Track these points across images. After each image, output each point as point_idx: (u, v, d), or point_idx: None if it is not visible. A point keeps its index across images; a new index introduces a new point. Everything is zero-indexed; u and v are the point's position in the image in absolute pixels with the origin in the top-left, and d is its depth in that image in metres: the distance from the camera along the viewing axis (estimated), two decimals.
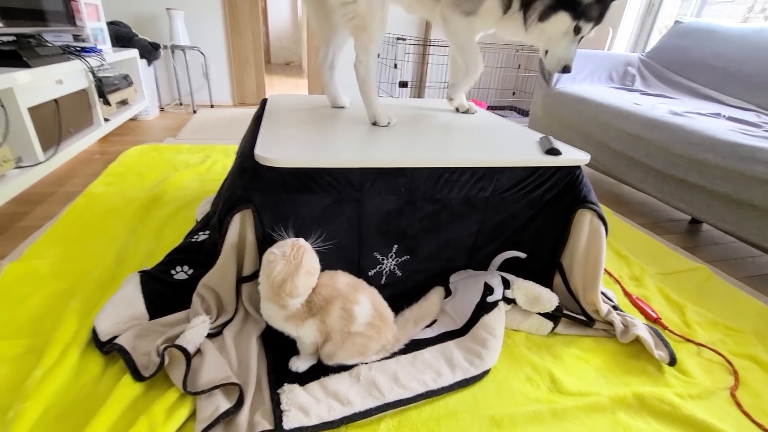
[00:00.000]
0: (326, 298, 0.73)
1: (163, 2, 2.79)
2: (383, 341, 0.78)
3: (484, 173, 0.87)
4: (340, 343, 0.73)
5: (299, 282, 0.68)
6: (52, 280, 0.96)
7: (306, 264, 0.69)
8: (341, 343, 0.73)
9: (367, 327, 0.75)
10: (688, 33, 2.11)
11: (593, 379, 0.81)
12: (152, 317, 0.84)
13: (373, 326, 0.75)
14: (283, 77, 5.04)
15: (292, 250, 0.69)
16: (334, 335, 0.73)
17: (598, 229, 0.90)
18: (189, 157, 1.87)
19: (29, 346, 0.77)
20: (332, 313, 0.73)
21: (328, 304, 0.73)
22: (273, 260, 0.68)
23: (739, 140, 1.23)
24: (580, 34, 0.97)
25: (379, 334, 0.76)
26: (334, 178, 0.79)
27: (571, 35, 0.97)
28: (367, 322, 0.75)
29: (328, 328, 0.73)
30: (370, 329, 0.75)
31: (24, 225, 1.24)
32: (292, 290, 0.68)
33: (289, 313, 0.71)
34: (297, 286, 0.68)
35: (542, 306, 0.89)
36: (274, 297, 0.69)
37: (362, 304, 0.75)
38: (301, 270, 0.68)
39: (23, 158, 1.33)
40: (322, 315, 0.73)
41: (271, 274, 0.68)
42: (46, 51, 1.49)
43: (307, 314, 0.72)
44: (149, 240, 1.15)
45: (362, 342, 0.74)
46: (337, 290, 0.75)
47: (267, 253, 0.70)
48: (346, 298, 0.74)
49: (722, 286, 1.17)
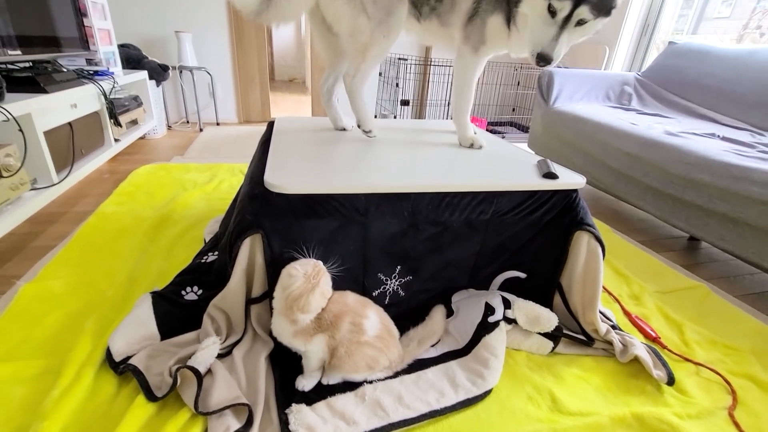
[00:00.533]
0: (336, 314, 0.77)
1: (172, 25, 2.89)
2: (390, 357, 0.80)
3: (484, 197, 0.90)
4: (348, 356, 0.76)
5: (312, 300, 0.73)
6: (67, 300, 1.00)
7: (322, 285, 0.74)
8: (350, 356, 0.76)
9: (377, 339, 0.78)
10: (682, 54, 2.17)
11: (593, 398, 0.83)
12: (164, 337, 0.87)
13: (382, 339, 0.79)
14: (287, 94, 5.14)
15: (313, 270, 0.74)
16: (342, 348, 0.76)
17: (595, 251, 0.93)
18: (196, 176, 1.92)
19: (46, 366, 0.80)
20: (342, 327, 0.76)
21: (338, 319, 0.77)
22: (294, 275, 0.73)
23: (733, 161, 1.27)
24: (557, 16, 0.83)
25: (387, 348, 0.79)
26: (340, 203, 0.82)
27: (546, 16, 0.85)
28: (377, 335, 0.78)
29: (337, 342, 0.76)
30: (380, 342, 0.78)
31: (37, 245, 1.28)
32: (304, 306, 0.72)
33: (298, 328, 0.75)
34: (309, 303, 0.73)
35: (542, 326, 0.91)
36: (286, 311, 0.74)
37: (371, 318, 0.79)
38: (316, 290, 0.73)
39: (38, 180, 1.38)
40: (331, 330, 0.76)
41: (289, 287, 0.73)
42: (61, 76, 1.55)
43: (316, 330, 0.76)
44: (160, 259, 1.19)
45: (372, 354, 0.77)
46: (347, 306, 0.79)
47: (289, 267, 0.75)
48: (355, 312, 0.78)
49: (721, 304, 1.19)
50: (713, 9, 2.76)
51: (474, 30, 1.01)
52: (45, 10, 1.61)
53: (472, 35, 1.02)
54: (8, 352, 0.83)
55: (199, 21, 2.93)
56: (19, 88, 1.36)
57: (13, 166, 1.17)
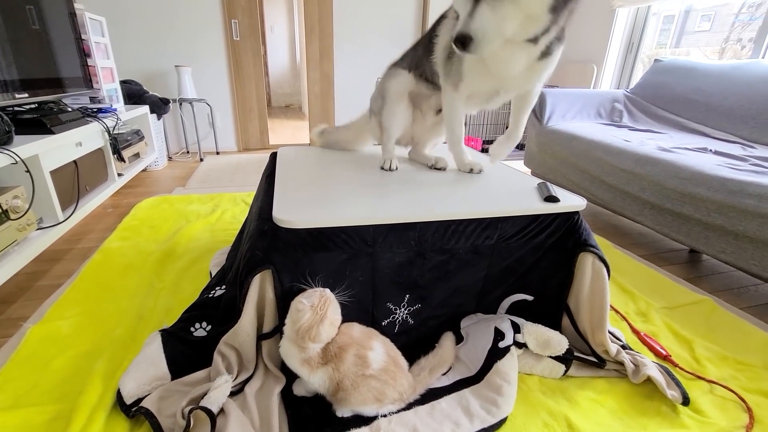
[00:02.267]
0: (341, 346, 0.78)
1: (172, 59, 2.97)
2: (400, 389, 0.80)
3: (489, 222, 0.92)
4: (353, 388, 0.76)
5: (322, 331, 0.75)
6: (75, 341, 0.99)
7: (330, 315, 0.76)
8: (355, 388, 0.76)
9: (382, 372, 0.78)
10: (668, 70, 2.24)
11: (609, 422, 0.82)
12: (174, 376, 0.86)
13: (388, 372, 0.78)
14: (284, 120, 5.23)
15: (319, 301, 0.76)
16: (347, 381, 0.76)
17: (600, 271, 0.94)
18: (199, 207, 1.93)
19: (56, 412, 0.79)
20: (346, 360, 0.77)
21: (342, 351, 0.77)
22: (302, 309, 0.75)
23: (728, 175, 1.30)
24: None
25: (394, 380, 0.79)
26: (349, 236, 0.84)
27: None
28: (382, 368, 0.78)
29: (341, 375, 0.76)
30: (385, 374, 0.78)
31: (43, 284, 1.28)
32: (316, 336, 0.74)
33: (306, 357, 0.76)
34: (320, 334, 0.75)
35: (553, 349, 0.91)
36: (297, 339, 0.76)
37: (376, 350, 0.80)
38: (325, 321, 0.75)
39: (44, 219, 1.39)
40: (335, 362, 0.77)
41: (298, 321, 0.75)
42: (67, 116, 1.58)
43: (321, 361, 0.77)
44: (167, 295, 1.19)
45: (378, 387, 0.77)
46: (352, 338, 0.80)
47: (296, 302, 0.77)
48: (360, 345, 0.79)
49: (728, 317, 1.19)
50: (694, 23, 2.86)
51: (452, 67, 1.02)
52: (50, 54, 1.66)
53: (452, 72, 1.02)
54: (18, 398, 0.82)
55: (198, 55, 3.02)
56: (26, 129, 1.39)
57: (21, 207, 1.19)
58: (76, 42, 1.87)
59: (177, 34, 2.92)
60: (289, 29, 6.09)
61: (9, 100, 1.39)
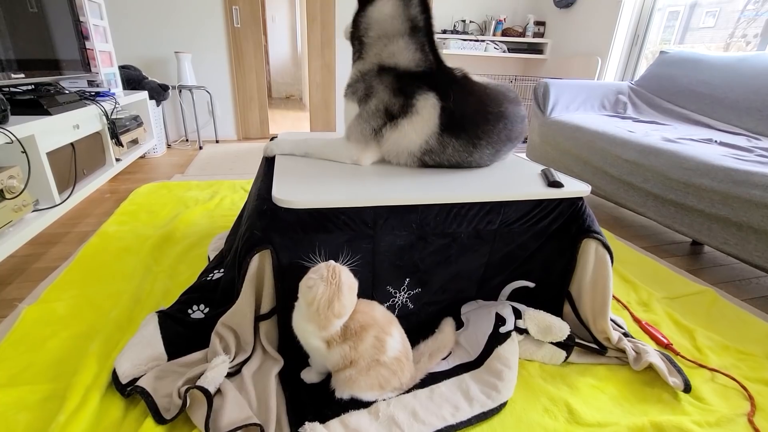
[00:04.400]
0: (362, 325, 0.75)
1: (172, 46, 2.93)
2: (403, 380, 0.79)
3: (491, 207, 0.90)
4: (365, 370, 0.74)
5: (345, 300, 0.71)
6: (71, 322, 0.98)
7: (346, 281, 0.72)
8: (366, 371, 0.74)
9: (394, 361, 0.76)
10: (674, 62, 2.21)
11: (610, 408, 0.81)
12: (170, 357, 0.85)
13: (399, 362, 0.77)
14: (285, 111, 5.19)
15: (329, 272, 0.71)
16: (361, 362, 0.74)
17: (603, 258, 0.93)
18: (198, 193, 1.92)
19: (51, 391, 0.78)
20: (366, 340, 0.74)
21: (363, 330, 0.74)
22: (313, 284, 0.70)
23: (733, 165, 1.28)
24: None
25: (402, 371, 0.78)
26: (349, 217, 0.82)
27: None
28: (395, 356, 0.77)
29: (358, 355, 0.74)
30: (396, 364, 0.77)
31: (40, 266, 1.26)
32: (340, 310, 0.70)
33: (328, 335, 0.73)
34: (344, 305, 0.70)
35: (554, 335, 0.90)
36: (318, 319, 0.70)
37: (395, 337, 0.78)
38: (343, 288, 0.71)
39: (40, 201, 1.37)
40: (354, 341, 0.74)
41: (315, 298, 0.69)
42: (64, 98, 1.56)
43: (341, 340, 0.73)
44: (164, 278, 1.18)
45: (386, 375, 0.75)
46: (375, 319, 0.77)
47: (305, 279, 0.72)
48: (381, 328, 0.76)
49: (730, 308, 1.18)
50: (698, 20, 2.83)
51: None
52: (48, 35, 1.63)
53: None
54: (12, 377, 0.81)
55: (198, 41, 2.98)
56: (22, 110, 1.37)
57: (16, 187, 1.17)
58: (74, 24, 1.84)
59: (177, 20, 2.88)
60: (290, 19, 6.03)
61: (5, 80, 1.36)
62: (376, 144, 1.01)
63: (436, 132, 0.96)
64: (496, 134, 1.00)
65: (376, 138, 0.99)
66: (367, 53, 0.99)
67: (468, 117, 0.97)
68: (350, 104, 1.01)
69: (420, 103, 0.94)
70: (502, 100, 1.01)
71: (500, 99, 1.01)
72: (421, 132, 0.96)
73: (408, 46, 0.95)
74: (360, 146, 1.01)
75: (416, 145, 0.98)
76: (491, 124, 0.99)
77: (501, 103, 1.00)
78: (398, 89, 0.94)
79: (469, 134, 0.98)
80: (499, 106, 1.00)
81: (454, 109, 0.95)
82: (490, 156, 1.04)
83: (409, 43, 0.96)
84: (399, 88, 0.95)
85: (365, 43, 0.99)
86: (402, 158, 1.02)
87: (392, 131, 0.97)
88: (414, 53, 0.96)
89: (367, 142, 1.00)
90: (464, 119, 0.97)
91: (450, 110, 0.95)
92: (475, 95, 0.99)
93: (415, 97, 0.94)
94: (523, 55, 3.50)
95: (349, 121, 1.02)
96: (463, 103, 0.96)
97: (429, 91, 0.95)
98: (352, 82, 1.01)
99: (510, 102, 1.03)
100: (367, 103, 0.97)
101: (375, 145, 1.01)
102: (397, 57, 0.96)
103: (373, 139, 1.00)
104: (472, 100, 0.98)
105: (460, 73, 1.01)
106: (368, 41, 0.98)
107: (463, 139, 0.98)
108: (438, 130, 0.96)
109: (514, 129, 1.03)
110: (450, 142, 0.98)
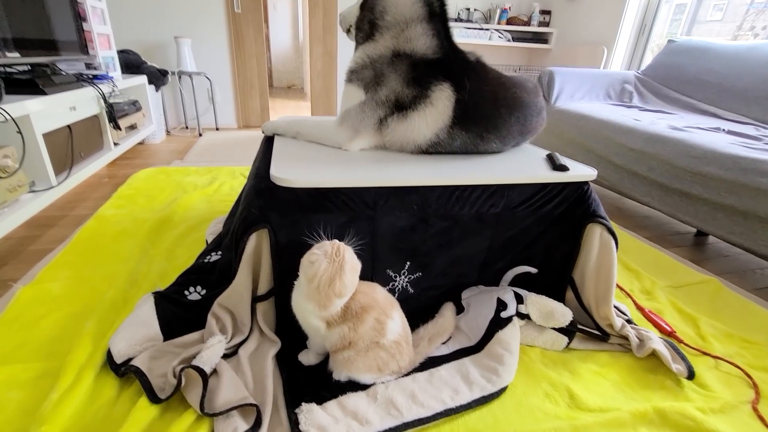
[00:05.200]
0: (363, 306, 0.73)
1: (172, 30, 2.89)
2: (402, 364, 0.77)
3: (495, 190, 0.88)
4: (364, 352, 0.73)
5: (347, 279, 0.69)
6: (66, 303, 0.97)
7: (349, 261, 0.70)
8: (365, 353, 0.73)
9: (393, 344, 0.75)
10: (681, 51, 2.17)
11: (612, 394, 0.80)
12: (166, 338, 0.84)
13: (399, 345, 0.76)
14: (286, 100, 5.15)
15: (333, 249, 0.69)
16: (360, 343, 0.73)
17: (608, 243, 0.91)
18: (197, 179, 1.90)
19: (44, 369, 0.77)
20: (366, 322, 0.72)
21: (364, 312, 0.73)
22: (316, 260, 0.68)
23: (741, 153, 1.25)
24: None
25: (401, 354, 0.76)
26: (349, 197, 0.80)
27: None
28: (395, 340, 0.75)
29: (357, 336, 0.72)
30: (395, 347, 0.75)
31: (35, 248, 1.25)
32: (341, 289, 0.68)
33: (327, 315, 0.71)
34: (345, 285, 0.69)
35: (556, 321, 0.89)
36: (319, 297, 0.69)
37: (395, 320, 0.76)
38: (346, 267, 0.69)
39: (36, 182, 1.35)
40: (354, 322, 0.72)
41: (316, 274, 0.68)
42: (60, 79, 1.53)
43: (341, 320, 0.72)
44: (161, 261, 1.16)
45: (384, 358, 0.74)
46: (376, 301, 0.75)
47: (308, 255, 0.70)
48: (382, 311, 0.74)
49: (734, 298, 1.16)
50: (705, 12, 2.78)
51: None
52: (44, 14, 1.60)
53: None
54: (5, 355, 0.80)
55: (198, 26, 2.93)
56: (17, 89, 1.34)
57: (10, 167, 1.15)
58: (71, 4, 1.80)
59: (177, 4, 2.84)
60: (292, 7, 5.95)
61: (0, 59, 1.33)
62: (375, 133, 0.97)
63: (447, 125, 0.92)
64: (507, 128, 0.96)
65: (380, 128, 0.95)
66: (381, 36, 0.93)
67: (480, 108, 0.93)
68: (354, 90, 0.95)
69: (435, 94, 0.90)
70: (518, 90, 0.97)
71: (515, 89, 0.96)
72: (434, 125, 0.92)
73: (426, 31, 0.91)
74: (352, 133, 0.96)
75: (425, 139, 0.94)
76: (503, 117, 0.95)
77: (516, 93, 0.96)
78: (412, 79, 0.90)
79: (479, 127, 0.94)
80: (514, 97, 0.95)
81: (468, 100, 0.91)
82: (497, 147, 1.01)
83: (427, 29, 0.92)
84: (414, 77, 0.90)
85: (379, 26, 0.93)
86: (406, 149, 0.98)
87: (399, 122, 0.93)
88: (431, 39, 0.92)
89: (365, 130, 0.96)
90: (476, 111, 0.93)
91: (464, 102, 0.91)
92: (490, 84, 0.94)
93: (431, 88, 0.90)
94: (528, 45, 3.45)
95: (348, 106, 0.96)
96: (476, 94, 0.92)
97: (444, 82, 0.90)
98: (358, 67, 0.95)
99: (527, 92, 0.99)
100: (377, 92, 0.92)
101: (373, 135, 0.97)
102: (413, 43, 0.91)
103: (374, 129, 0.95)
104: (486, 90, 0.93)
105: (474, 57, 0.97)
106: (383, 24, 0.93)
107: (473, 132, 0.94)
108: (450, 122, 0.92)
109: (528, 123, 1.00)
110: (459, 135, 0.94)
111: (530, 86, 1.02)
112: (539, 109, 1.03)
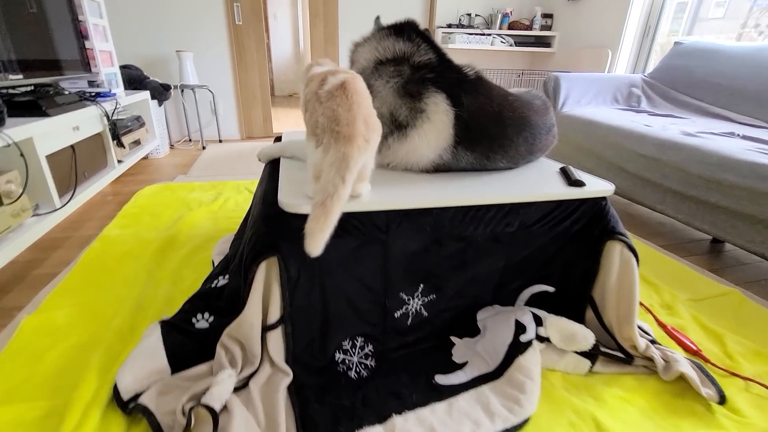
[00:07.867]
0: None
1: (173, 45, 2.89)
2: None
3: (510, 209, 0.85)
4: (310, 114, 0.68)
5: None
6: (71, 332, 0.94)
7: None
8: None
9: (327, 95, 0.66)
10: (689, 53, 2.14)
11: (640, 422, 0.76)
12: (174, 370, 0.81)
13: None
14: (288, 109, 5.14)
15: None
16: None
17: (629, 261, 0.87)
18: (201, 194, 1.88)
19: (49, 408, 0.74)
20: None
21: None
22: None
23: (758, 160, 1.22)
24: None
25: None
26: (360, 222, 0.77)
27: None
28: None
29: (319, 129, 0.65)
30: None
31: (40, 273, 1.23)
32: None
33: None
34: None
35: (578, 344, 0.85)
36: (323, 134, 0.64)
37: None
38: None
39: (40, 205, 1.33)
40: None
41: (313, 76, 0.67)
42: (63, 99, 1.52)
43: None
44: (167, 284, 1.14)
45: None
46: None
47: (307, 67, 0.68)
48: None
49: (758, 311, 1.12)
50: (707, 10, 2.75)
51: None
52: (47, 34, 1.59)
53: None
54: (9, 392, 0.78)
55: (199, 39, 2.93)
56: (20, 112, 1.33)
57: (14, 192, 1.13)
58: (73, 23, 1.79)
59: (178, 18, 2.84)
60: (292, 16, 5.97)
61: (2, 81, 1.32)
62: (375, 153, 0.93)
63: (450, 144, 0.87)
64: (514, 149, 0.93)
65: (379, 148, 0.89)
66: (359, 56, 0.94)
67: (485, 128, 0.88)
68: None
69: (430, 107, 0.85)
70: (525, 110, 0.93)
71: (523, 109, 0.92)
72: (435, 144, 0.87)
73: (398, 41, 0.89)
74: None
75: (428, 160, 0.89)
76: (510, 137, 0.91)
77: (523, 114, 0.92)
78: (402, 87, 0.85)
79: (485, 147, 0.90)
80: (521, 117, 0.91)
81: (469, 118, 0.86)
82: (505, 166, 0.97)
83: (398, 40, 0.89)
84: (403, 85, 0.85)
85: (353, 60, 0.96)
86: (412, 170, 0.94)
87: (399, 143, 0.88)
88: (410, 47, 0.88)
89: None
90: (481, 131, 0.88)
91: (465, 120, 0.86)
92: (494, 103, 0.89)
93: (423, 100, 0.85)
94: (530, 49, 3.42)
95: None
96: (479, 112, 0.87)
97: (438, 93, 0.85)
98: None
99: (535, 111, 0.95)
100: None
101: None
102: (394, 48, 0.89)
103: None
104: (490, 110, 0.88)
105: (473, 72, 0.91)
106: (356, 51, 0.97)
107: (478, 152, 0.90)
108: (452, 142, 0.86)
109: (537, 142, 0.96)
110: (464, 156, 0.89)
111: (538, 104, 0.98)
112: (549, 127, 1.00)
